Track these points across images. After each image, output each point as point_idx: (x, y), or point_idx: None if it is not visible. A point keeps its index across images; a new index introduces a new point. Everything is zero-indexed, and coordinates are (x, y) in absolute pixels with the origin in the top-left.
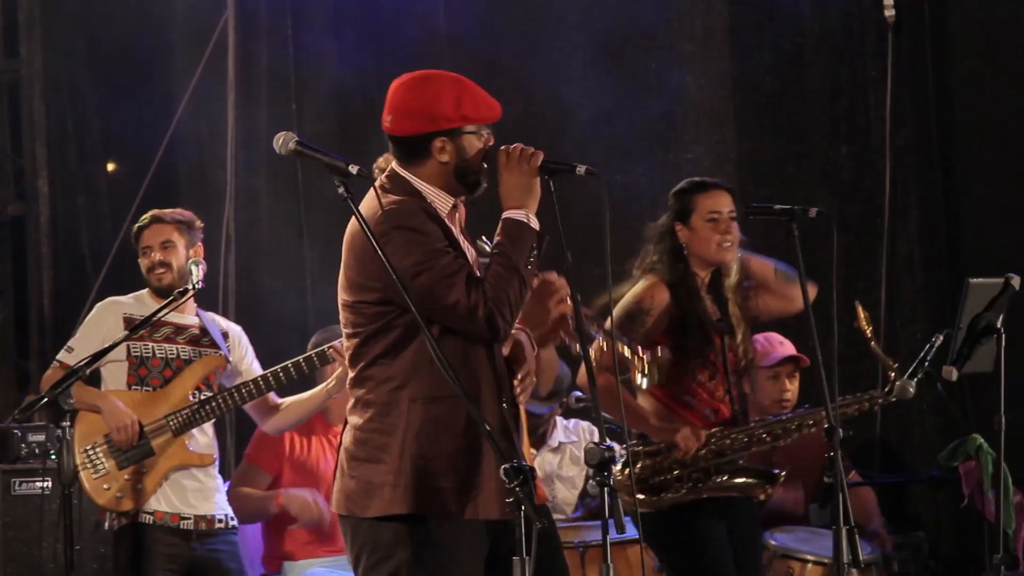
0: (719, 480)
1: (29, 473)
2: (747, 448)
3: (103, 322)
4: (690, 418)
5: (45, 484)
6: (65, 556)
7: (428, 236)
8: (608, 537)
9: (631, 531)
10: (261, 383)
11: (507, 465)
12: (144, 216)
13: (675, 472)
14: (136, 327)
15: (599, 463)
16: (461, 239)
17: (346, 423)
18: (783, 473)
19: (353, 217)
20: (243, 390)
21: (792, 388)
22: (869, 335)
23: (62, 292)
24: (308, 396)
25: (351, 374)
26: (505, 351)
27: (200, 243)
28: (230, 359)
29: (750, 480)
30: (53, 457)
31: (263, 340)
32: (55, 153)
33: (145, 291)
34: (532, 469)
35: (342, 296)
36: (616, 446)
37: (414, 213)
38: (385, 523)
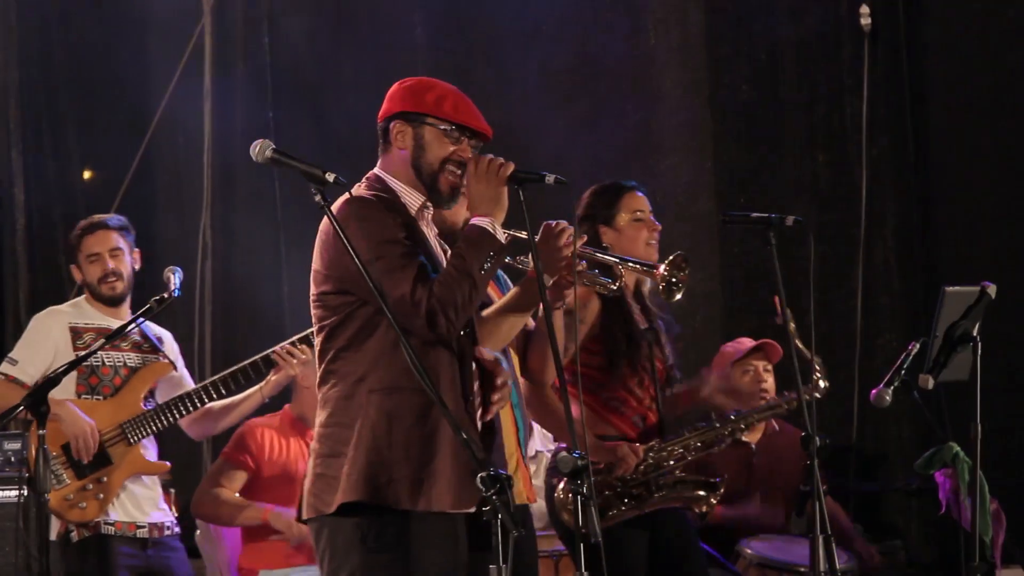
0: (661, 494)
1: (4, 481)
2: (682, 458)
3: (49, 331)
4: (620, 424)
5: (21, 492)
6: (40, 564)
7: (383, 226)
8: (583, 545)
9: None
10: (211, 388)
11: (483, 473)
12: (84, 222)
13: (616, 489)
14: (113, 334)
15: (572, 471)
16: (431, 239)
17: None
18: (724, 479)
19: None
20: (194, 396)
21: (769, 379)
22: (792, 331)
23: (38, 300)
24: (238, 398)
25: (319, 372)
26: (488, 356)
27: (136, 248)
28: (178, 367)
29: (693, 493)
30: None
31: (240, 347)
32: (31, 161)
33: (82, 298)
34: (509, 477)
35: (311, 291)
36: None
37: (373, 203)
38: (344, 521)
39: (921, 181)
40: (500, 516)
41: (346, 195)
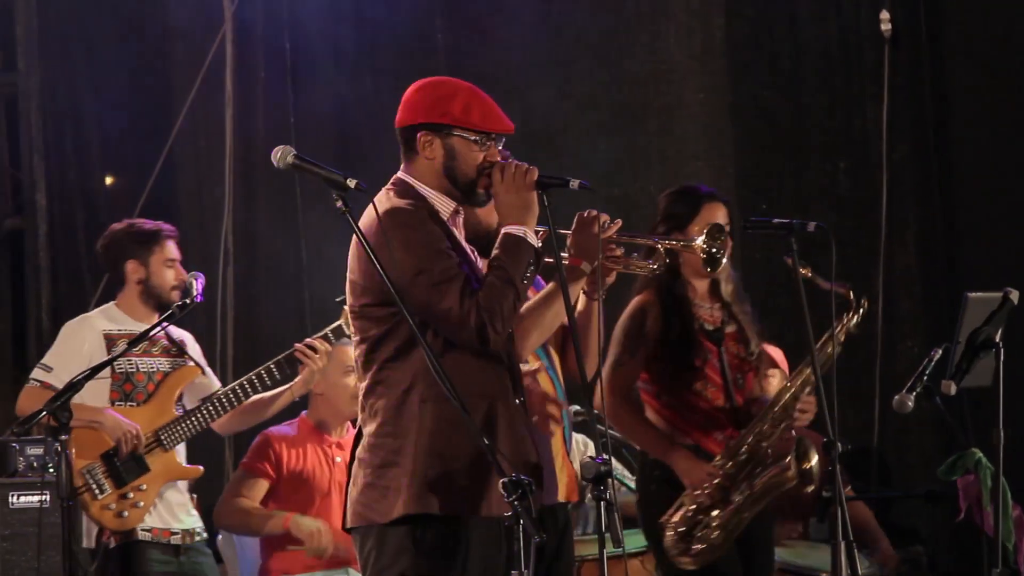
0: (747, 504)
1: (27, 487)
2: (756, 460)
3: (83, 338)
4: (690, 428)
5: (44, 497)
6: (64, 570)
7: (428, 237)
8: (605, 551)
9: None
10: (239, 391)
11: (505, 479)
12: (161, 225)
13: (713, 515)
14: (135, 340)
15: (595, 477)
16: (465, 245)
17: (359, 433)
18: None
19: (366, 215)
20: (225, 399)
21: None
22: (809, 274)
23: (60, 306)
24: (268, 396)
25: (363, 383)
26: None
27: None
28: (205, 369)
29: (777, 477)
30: (51, 470)
31: (261, 352)
32: (53, 167)
33: (111, 305)
34: (531, 482)
35: (348, 301)
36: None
37: (414, 214)
38: (395, 527)
39: (942, 186)
40: (523, 521)
41: (387, 205)
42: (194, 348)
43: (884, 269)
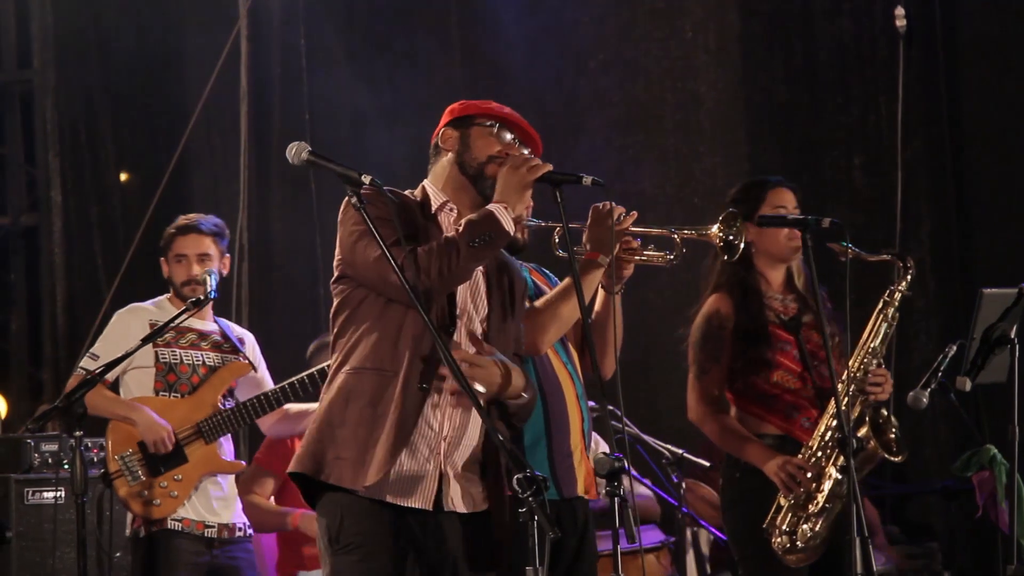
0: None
1: (42, 483)
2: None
3: (129, 328)
4: (773, 419)
5: (58, 494)
6: (78, 566)
7: (380, 210)
8: (619, 547)
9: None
10: (289, 390)
11: (520, 475)
12: (181, 220)
13: (811, 509)
14: (149, 336)
15: (609, 473)
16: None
17: None
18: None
19: None
20: (271, 397)
21: None
22: (852, 254)
23: (75, 302)
24: (315, 405)
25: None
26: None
27: (227, 254)
28: (256, 366)
29: (864, 453)
30: (66, 467)
31: (276, 349)
32: (68, 163)
33: (164, 297)
34: (545, 479)
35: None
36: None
37: (376, 194)
38: (326, 507)
39: (957, 182)
40: (536, 517)
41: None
42: (252, 347)
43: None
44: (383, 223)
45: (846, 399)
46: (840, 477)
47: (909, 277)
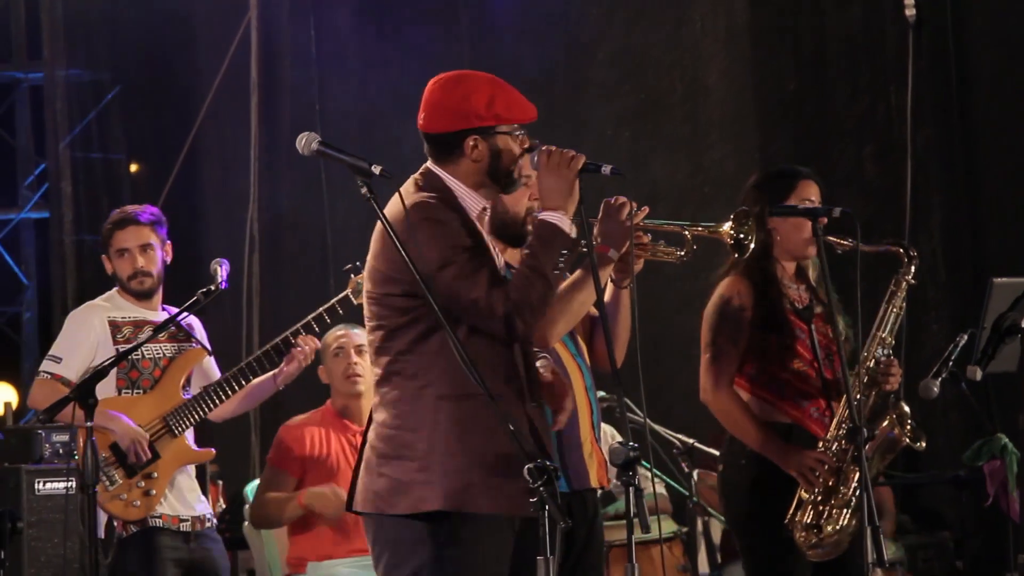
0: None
1: (53, 473)
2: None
3: (90, 327)
4: (787, 408)
5: (69, 484)
6: (89, 556)
7: (454, 230)
8: (633, 537)
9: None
10: (257, 365)
11: (531, 464)
12: (115, 214)
13: (835, 501)
14: (160, 327)
15: (624, 463)
16: (489, 242)
17: (370, 420)
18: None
19: (385, 209)
20: (233, 380)
21: None
22: (851, 245)
23: (85, 293)
24: (254, 384)
25: (377, 369)
26: (548, 376)
27: (168, 240)
28: (209, 351)
29: (886, 440)
30: (76, 457)
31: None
32: (78, 155)
33: (115, 291)
34: (556, 468)
35: (367, 287)
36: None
37: (440, 207)
38: (410, 520)
39: (967, 171)
40: (548, 507)
41: (414, 198)
42: (201, 333)
43: None
44: (463, 250)
45: (859, 390)
46: (857, 475)
47: (914, 266)
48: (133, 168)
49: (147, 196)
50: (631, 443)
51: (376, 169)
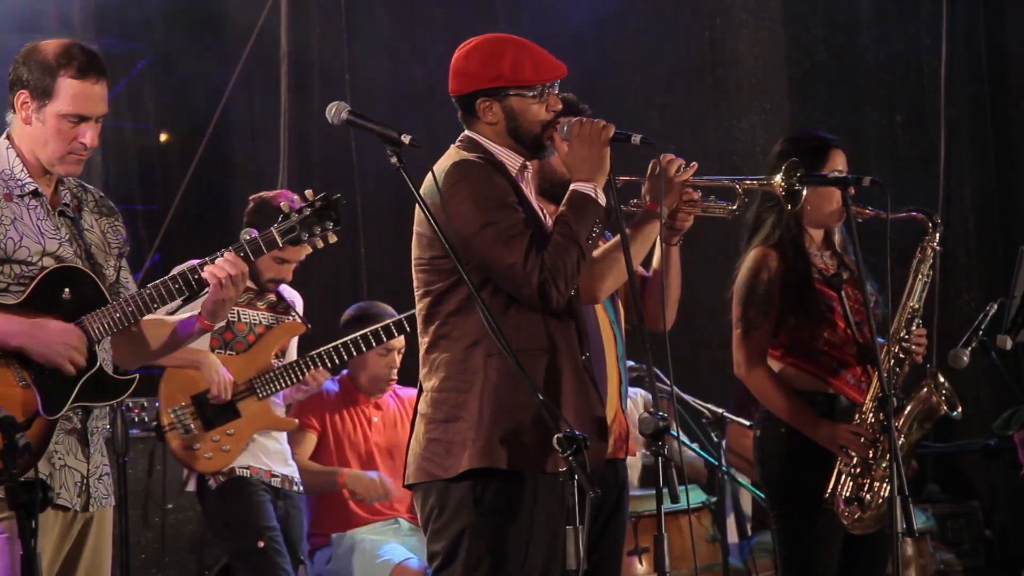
0: (907, 445)
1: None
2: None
3: None
4: (822, 374)
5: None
6: (120, 525)
7: (496, 190)
8: (663, 507)
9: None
10: (353, 346)
11: (559, 435)
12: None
13: (876, 474)
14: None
15: (654, 432)
16: (533, 200)
17: (420, 388)
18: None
19: (428, 173)
20: (326, 355)
21: None
22: (871, 213)
23: None
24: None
25: (424, 338)
26: None
27: None
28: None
29: (922, 408)
30: (108, 427)
31: (316, 309)
32: (107, 125)
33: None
34: (585, 438)
35: (415, 253)
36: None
37: (482, 167)
38: (458, 482)
39: (999, 141)
40: (577, 476)
41: (455, 158)
42: (301, 308)
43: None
44: (503, 210)
45: (891, 358)
46: (903, 439)
47: (938, 232)
48: (163, 138)
49: (177, 166)
50: (661, 412)
51: (406, 138)
